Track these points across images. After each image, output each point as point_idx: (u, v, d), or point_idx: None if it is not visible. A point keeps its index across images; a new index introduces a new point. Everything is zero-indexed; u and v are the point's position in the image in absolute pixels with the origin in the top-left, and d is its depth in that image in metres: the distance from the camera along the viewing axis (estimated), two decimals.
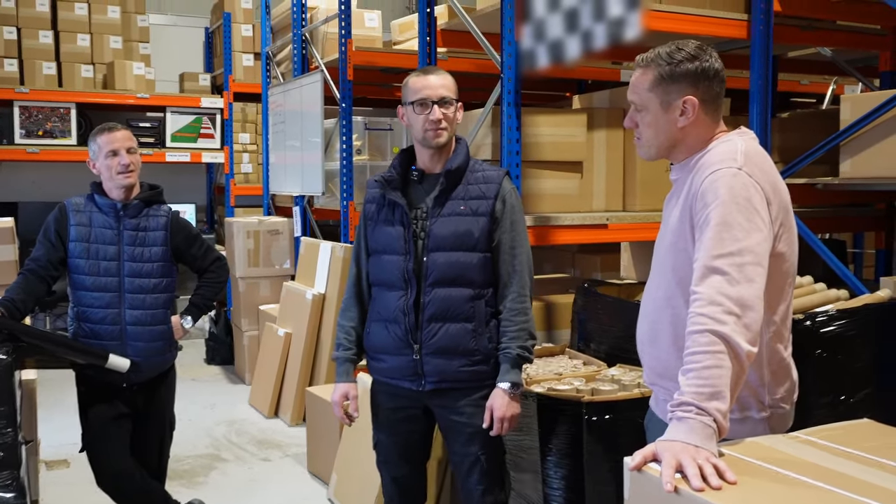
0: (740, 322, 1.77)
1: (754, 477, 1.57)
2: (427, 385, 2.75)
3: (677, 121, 2.07)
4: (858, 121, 3.67)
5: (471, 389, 2.75)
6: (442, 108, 2.71)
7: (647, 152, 2.17)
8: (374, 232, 2.83)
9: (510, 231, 2.74)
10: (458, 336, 2.71)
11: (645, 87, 2.09)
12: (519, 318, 2.72)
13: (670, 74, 2.06)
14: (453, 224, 2.72)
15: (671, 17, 3.78)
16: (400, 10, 10.66)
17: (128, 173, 3.33)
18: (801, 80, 7.07)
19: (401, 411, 2.86)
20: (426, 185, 2.80)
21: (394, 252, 2.77)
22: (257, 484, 4.67)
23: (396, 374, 2.80)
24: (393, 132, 6.27)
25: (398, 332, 2.75)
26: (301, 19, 6.90)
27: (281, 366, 5.93)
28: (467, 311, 2.71)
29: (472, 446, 2.77)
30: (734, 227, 1.86)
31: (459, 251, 2.71)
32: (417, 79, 2.75)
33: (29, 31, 8.19)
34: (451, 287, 2.71)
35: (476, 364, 2.73)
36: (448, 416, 2.79)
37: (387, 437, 2.90)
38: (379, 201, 2.83)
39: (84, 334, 3.35)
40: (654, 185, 4.33)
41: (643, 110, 2.11)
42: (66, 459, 4.83)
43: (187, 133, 8.81)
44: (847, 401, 2.98)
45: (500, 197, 2.74)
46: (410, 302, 2.73)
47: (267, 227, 7.00)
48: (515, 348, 2.70)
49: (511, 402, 2.68)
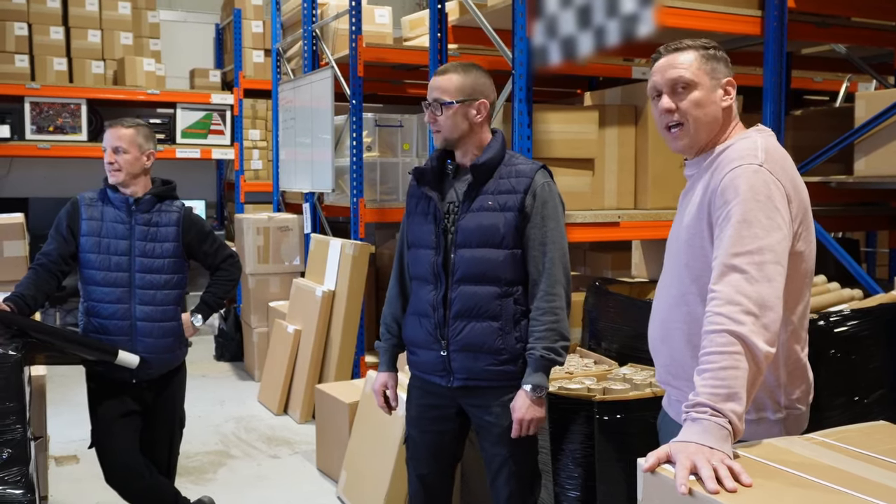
0: (759, 322, 1.75)
1: (770, 479, 1.55)
2: (455, 381, 2.73)
3: (722, 100, 2.05)
4: (873, 119, 3.64)
5: (501, 389, 2.70)
6: (434, 111, 2.69)
7: (691, 139, 2.06)
8: (411, 225, 2.83)
9: (541, 227, 2.66)
10: (483, 334, 2.67)
11: (694, 64, 2.03)
12: (546, 317, 2.65)
13: (713, 55, 2.05)
14: (479, 219, 2.68)
15: (685, 14, 3.75)
16: (410, 6, 10.65)
17: (113, 171, 3.35)
18: (814, 78, 7.02)
19: (434, 409, 2.83)
20: (460, 178, 2.77)
21: (426, 246, 2.75)
22: (266, 481, 4.67)
23: (428, 368, 2.79)
24: (403, 129, 6.25)
25: (429, 327, 2.74)
26: (311, 15, 6.89)
27: (290, 363, 5.93)
28: (494, 308, 2.67)
29: (501, 447, 2.72)
30: (755, 224, 1.83)
31: (485, 247, 2.67)
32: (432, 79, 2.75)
33: (40, 28, 8.21)
34: (478, 284, 2.67)
35: (504, 363, 2.68)
36: (479, 415, 2.76)
37: (418, 433, 2.87)
38: (416, 195, 2.82)
39: (94, 329, 3.35)
40: (666, 183, 4.30)
41: (690, 87, 2.03)
42: (76, 455, 4.84)
43: (197, 129, 8.82)
44: (861, 401, 2.96)
45: (530, 191, 2.66)
46: (440, 297, 2.71)
47: (277, 223, 7.00)
48: (540, 349, 2.63)
49: (532, 405, 2.62)
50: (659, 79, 2.07)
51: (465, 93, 2.69)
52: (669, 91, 2.05)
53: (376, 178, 6.14)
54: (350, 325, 5.64)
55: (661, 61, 2.08)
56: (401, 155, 6.23)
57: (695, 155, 2.11)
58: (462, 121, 2.69)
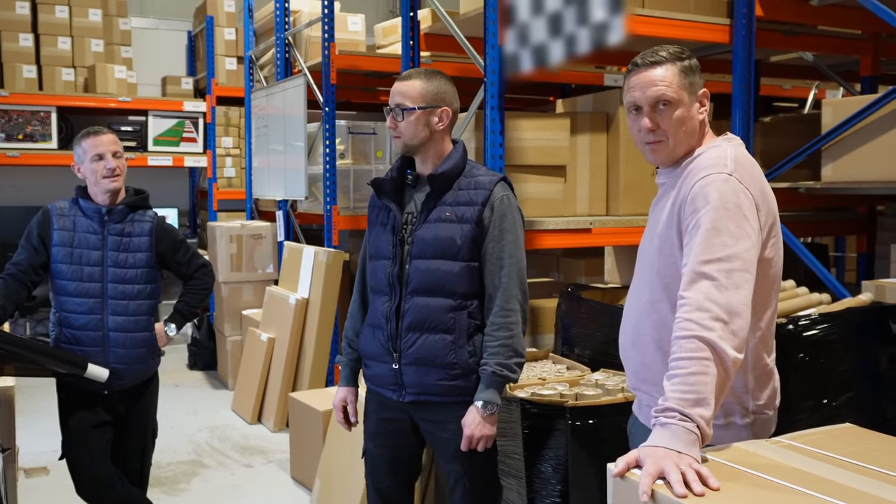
0: (727, 328, 1.77)
1: (737, 482, 1.57)
2: (407, 396, 2.68)
3: (699, 114, 2.07)
4: (840, 125, 3.70)
5: (453, 405, 2.64)
6: (395, 116, 2.65)
7: (669, 154, 2.07)
8: (371, 236, 2.79)
9: (498, 240, 2.62)
10: (435, 348, 2.61)
11: (676, 80, 2.02)
12: (500, 332, 2.59)
13: (689, 67, 2.05)
14: (436, 231, 2.64)
15: (654, 22, 3.79)
16: (384, 13, 10.66)
17: (113, 177, 3.31)
18: (783, 85, 7.12)
19: (389, 423, 2.78)
20: (419, 189, 2.73)
21: (384, 257, 2.72)
22: (240, 490, 4.64)
23: (381, 381, 2.75)
24: (376, 136, 6.25)
25: (381, 339, 2.70)
26: (284, 23, 6.87)
27: (264, 371, 5.90)
28: (446, 321, 2.61)
29: (456, 463, 2.68)
30: (723, 232, 1.86)
31: (441, 259, 2.62)
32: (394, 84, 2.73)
33: (9, 34, 8.11)
34: (430, 296, 2.62)
35: (455, 378, 2.63)
36: (433, 431, 2.72)
37: (375, 447, 2.83)
38: (377, 205, 2.79)
39: (66, 340, 3.32)
40: (637, 190, 4.34)
41: (673, 104, 2.02)
42: (46, 467, 4.78)
43: (170, 137, 8.75)
44: (829, 405, 2.99)
45: (489, 204, 2.62)
46: (393, 308, 2.67)
47: (250, 231, 6.97)
48: (493, 365, 2.57)
49: (482, 422, 2.56)
50: (639, 95, 2.05)
51: (427, 99, 2.64)
52: (650, 109, 2.04)
53: (350, 185, 6.14)
54: (324, 332, 5.63)
55: (640, 76, 2.05)
56: (374, 162, 6.23)
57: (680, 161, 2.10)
58: (423, 128, 2.65)
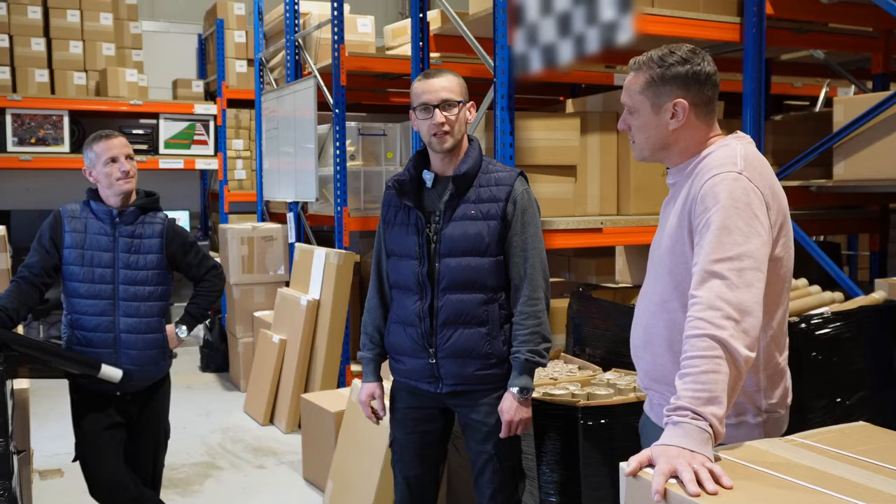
0: (739, 327, 1.77)
1: (750, 481, 1.56)
2: (444, 388, 2.77)
3: (668, 123, 2.08)
4: (851, 123, 3.68)
5: (489, 390, 2.76)
6: (444, 111, 2.69)
7: (639, 154, 2.19)
8: (391, 235, 2.84)
9: (521, 234, 2.72)
10: (472, 340, 2.72)
11: (636, 89, 2.10)
12: (530, 321, 2.71)
13: (661, 77, 2.07)
14: (464, 228, 2.71)
15: (664, 21, 3.78)
16: (393, 15, 10.67)
17: (128, 179, 3.34)
18: (794, 83, 7.08)
19: (418, 410, 2.87)
20: (439, 188, 2.78)
21: (409, 256, 2.78)
22: (253, 492, 4.65)
23: (415, 375, 2.82)
24: (387, 137, 6.25)
25: (415, 336, 2.77)
26: (294, 25, 6.89)
27: (276, 373, 5.91)
28: (481, 315, 2.72)
29: (487, 444, 2.77)
30: (734, 231, 1.86)
31: (471, 256, 2.71)
32: (419, 83, 2.74)
33: (21, 39, 8.17)
34: (464, 292, 2.72)
35: (492, 367, 2.74)
36: (466, 413, 2.81)
37: (403, 435, 2.90)
38: (395, 204, 2.83)
39: (77, 342, 3.33)
40: (648, 189, 4.33)
41: (635, 113, 2.13)
42: (60, 469, 4.80)
43: (181, 140, 8.79)
44: (843, 403, 2.98)
45: (510, 199, 2.72)
46: (426, 307, 2.74)
47: (261, 233, 6.99)
48: (525, 353, 2.69)
49: (520, 407, 2.69)
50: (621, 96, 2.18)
51: (464, 94, 2.76)
52: (625, 110, 2.16)
53: (360, 186, 6.15)
54: (335, 333, 5.64)
55: (626, 78, 2.17)
56: (384, 163, 6.23)
57: (675, 163, 2.14)
58: (464, 122, 2.76)
